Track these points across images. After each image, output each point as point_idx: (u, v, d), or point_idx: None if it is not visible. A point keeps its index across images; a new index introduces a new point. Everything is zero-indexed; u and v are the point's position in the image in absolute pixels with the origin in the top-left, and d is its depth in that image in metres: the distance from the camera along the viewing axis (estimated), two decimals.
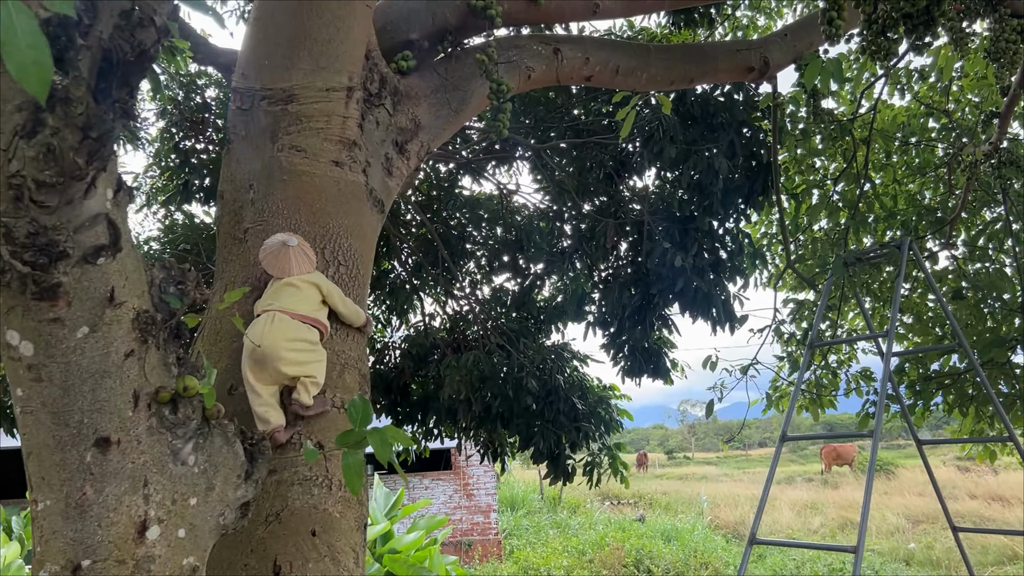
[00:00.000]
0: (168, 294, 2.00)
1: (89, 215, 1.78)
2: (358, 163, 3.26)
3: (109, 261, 1.83)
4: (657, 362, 8.47)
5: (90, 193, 1.76)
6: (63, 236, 1.72)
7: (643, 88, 4.36)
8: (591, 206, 8.70)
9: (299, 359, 2.71)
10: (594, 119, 7.93)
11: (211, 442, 2.02)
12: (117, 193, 1.87)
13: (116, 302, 1.84)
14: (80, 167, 1.66)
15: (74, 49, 1.61)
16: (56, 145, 1.61)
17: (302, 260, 2.88)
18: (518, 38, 4.00)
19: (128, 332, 1.86)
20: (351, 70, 3.24)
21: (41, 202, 1.68)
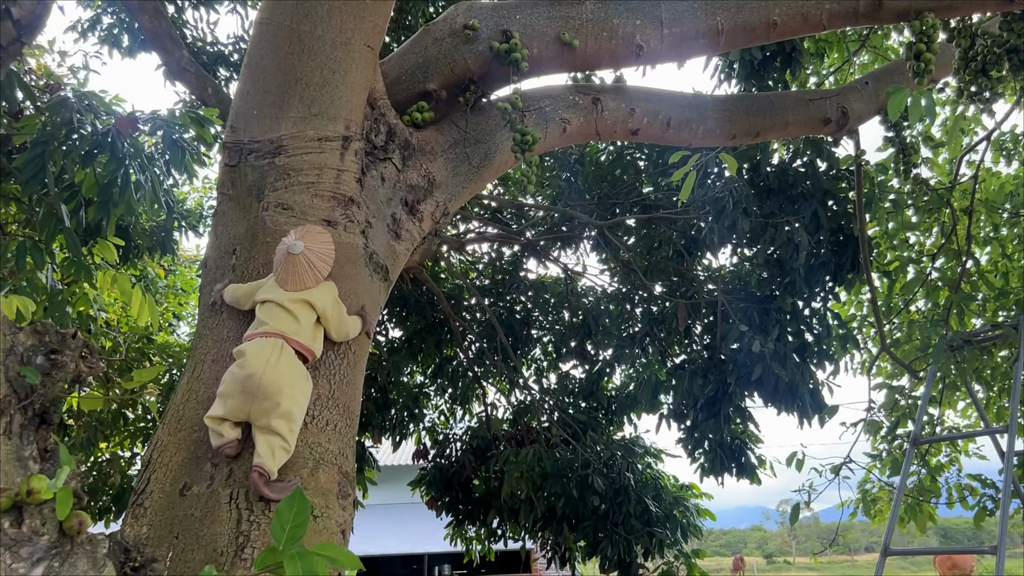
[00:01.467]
0: (28, 367, 1.53)
1: None
2: (355, 223, 2.82)
3: None
4: (741, 459, 7.63)
5: None
6: None
7: (699, 143, 3.84)
8: (662, 287, 8.10)
9: (293, 413, 2.33)
10: (663, 195, 7.43)
11: (71, 565, 1.51)
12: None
13: None
14: None
15: None
16: None
17: (304, 273, 2.52)
18: (552, 88, 3.56)
19: None
20: (348, 118, 2.84)
21: None
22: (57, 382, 1.59)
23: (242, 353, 2.35)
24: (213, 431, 2.35)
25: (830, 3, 3.25)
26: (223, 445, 2.33)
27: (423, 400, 9.71)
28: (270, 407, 2.29)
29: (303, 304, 2.48)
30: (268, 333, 2.39)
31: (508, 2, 3.37)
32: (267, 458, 2.27)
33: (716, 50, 3.39)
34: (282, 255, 2.55)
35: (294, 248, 2.53)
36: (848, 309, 8.66)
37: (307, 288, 2.51)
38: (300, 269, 2.52)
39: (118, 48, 7.78)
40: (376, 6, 2.84)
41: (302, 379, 2.40)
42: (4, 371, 1.50)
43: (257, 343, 2.38)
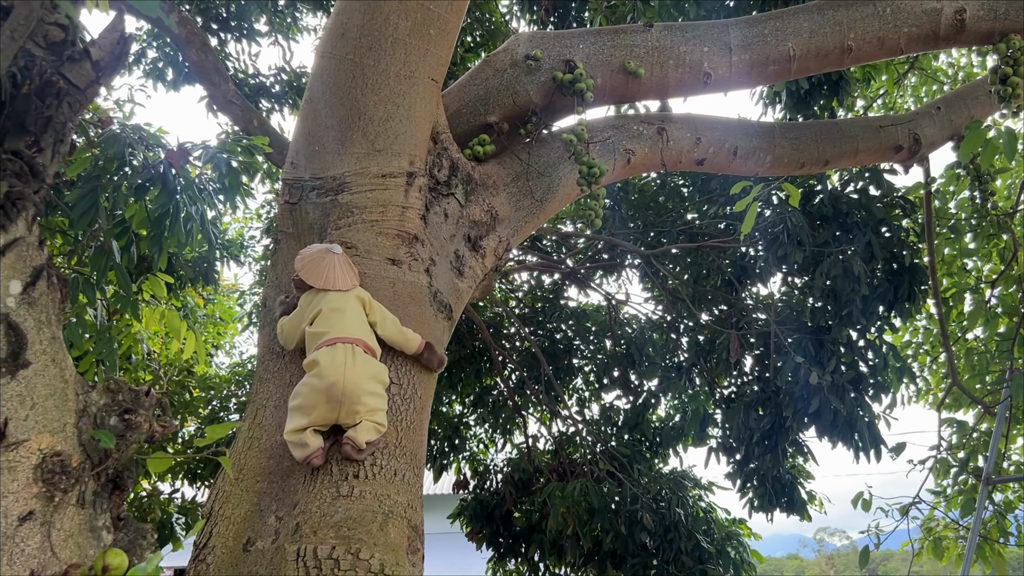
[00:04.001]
0: (102, 430, 1.43)
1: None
2: (420, 261, 2.71)
3: (5, 382, 1.29)
4: (791, 494, 7.38)
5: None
6: None
7: (767, 173, 3.70)
8: (709, 316, 7.91)
9: (376, 405, 2.37)
10: (709, 222, 7.27)
11: None
12: (32, 286, 1.34)
13: (10, 441, 1.28)
14: None
15: None
16: None
17: (347, 272, 2.51)
18: (616, 117, 3.45)
19: (27, 485, 1.29)
20: (412, 153, 2.75)
21: None
22: (131, 444, 1.49)
23: (316, 363, 2.33)
24: (295, 443, 2.30)
25: (908, 27, 3.11)
26: (309, 456, 2.28)
27: (463, 430, 9.57)
28: (361, 409, 2.31)
29: (356, 301, 2.47)
30: (333, 340, 2.36)
31: (570, 31, 3.28)
32: (361, 433, 2.31)
33: (787, 76, 3.26)
34: (320, 257, 2.50)
35: (334, 249, 2.53)
36: (902, 337, 8.39)
37: (355, 285, 2.50)
38: (345, 270, 2.50)
39: (163, 81, 7.84)
40: (441, 39, 2.76)
41: (374, 367, 2.39)
42: (77, 435, 1.40)
43: (327, 352, 2.34)
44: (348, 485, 2.26)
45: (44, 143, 1.27)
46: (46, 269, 1.38)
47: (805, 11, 3.22)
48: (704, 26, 3.24)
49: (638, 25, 3.24)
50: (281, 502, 2.26)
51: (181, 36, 5.50)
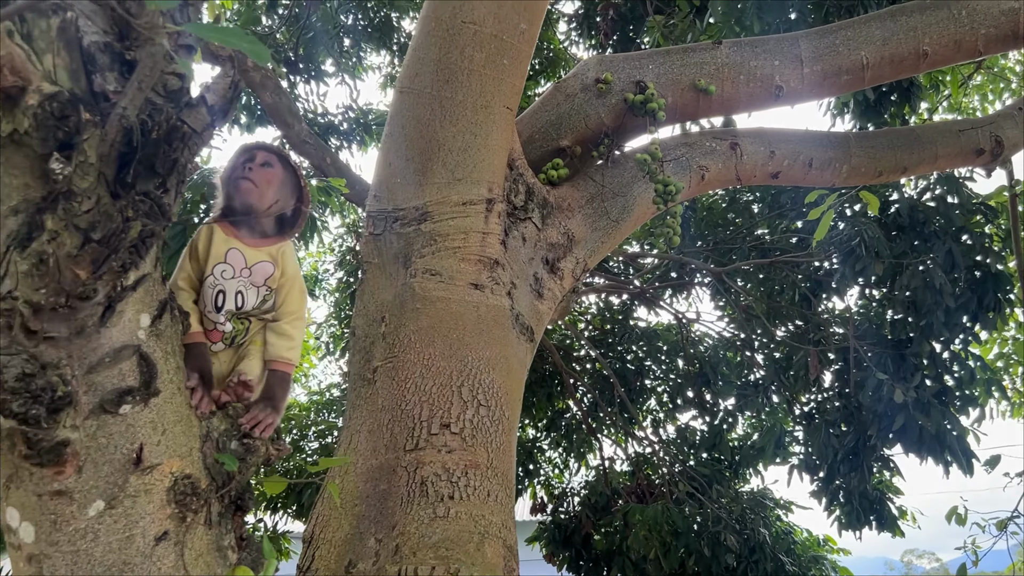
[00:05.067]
0: (225, 453, 1.51)
1: (110, 348, 1.33)
2: (501, 285, 2.77)
3: (138, 409, 1.37)
4: (880, 511, 7.16)
5: (110, 318, 1.32)
6: (69, 377, 1.28)
7: (843, 183, 3.66)
8: (785, 332, 7.77)
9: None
10: (780, 237, 7.18)
11: None
12: (158, 319, 1.42)
13: (145, 465, 1.37)
14: (83, 282, 1.23)
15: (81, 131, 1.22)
16: (51, 254, 1.19)
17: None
18: (687, 135, 3.47)
19: (161, 507, 1.37)
20: (491, 181, 2.81)
21: (41, 332, 1.25)
22: (250, 467, 1.56)
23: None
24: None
25: (986, 28, 3.06)
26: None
27: (537, 454, 9.57)
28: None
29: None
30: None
31: (639, 53, 3.32)
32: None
33: (861, 85, 3.24)
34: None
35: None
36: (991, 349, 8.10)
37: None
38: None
39: (238, 124, 8.16)
40: (514, 68, 2.83)
41: None
42: (202, 458, 1.48)
43: None
44: (444, 506, 2.30)
45: (169, 184, 1.36)
46: (169, 302, 1.47)
47: (877, 19, 3.20)
48: (773, 40, 3.24)
49: (707, 43, 3.26)
50: (380, 524, 2.32)
51: (256, 80, 5.74)
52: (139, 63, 1.31)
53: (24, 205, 1.24)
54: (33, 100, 1.22)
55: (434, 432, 2.44)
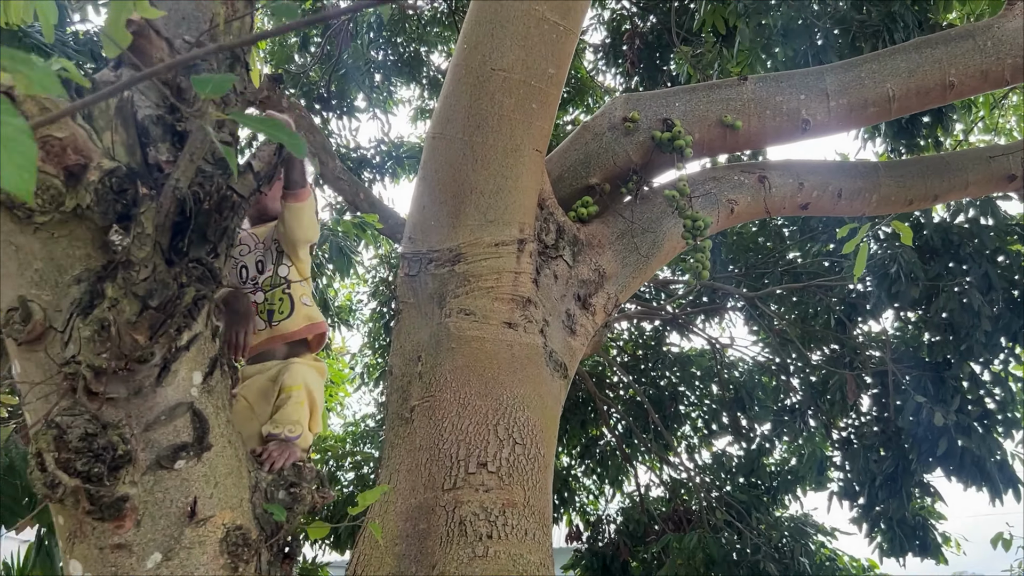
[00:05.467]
0: (273, 503, 1.57)
1: (166, 406, 1.41)
2: (534, 323, 2.82)
3: (192, 464, 1.44)
4: (923, 537, 7.03)
5: (165, 378, 1.39)
6: (128, 435, 1.35)
7: (873, 212, 3.67)
8: (820, 355, 7.71)
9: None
10: (812, 260, 7.15)
11: None
12: (210, 376, 1.50)
13: (199, 518, 1.43)
14: (141, 346, 1.30)
15: (138, 204, 1.30)
16: (112, 320, 1.27)
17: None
18: (715, 169, 3.51)
19: (215, 558, 1.44)
20: (522, 221, 2.88)
21: (103, 394, 1.33)
22: (297, 515, 1.62)
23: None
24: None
25: (1012, 58, 3.07)
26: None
27: (571, 482, 9.54)
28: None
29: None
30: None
31: (665, 91, 3.38)
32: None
33: (887, 116, 3.26)
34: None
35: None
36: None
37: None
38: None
39: None
40: (543, 111, 2.90)
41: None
42: (252, 509, 1.54)
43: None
44: (483, 546, 2.34)
45: (219, 249, 1.44)
46: (219, 358, 1.54)
47: (901, 51, 3.22)
48: (799, 75, 3.28)
49: (732, 79, 3.31)
50: (420, 564, 2.36)
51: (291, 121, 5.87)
52: (189, 137, 1.39)
53: (86, 274, 1.32)
54: (94, 176, 1.30)
55: (471, 471, 2.49)
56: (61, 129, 1.28)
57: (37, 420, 1.28)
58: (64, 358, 1.30)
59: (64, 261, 1.33)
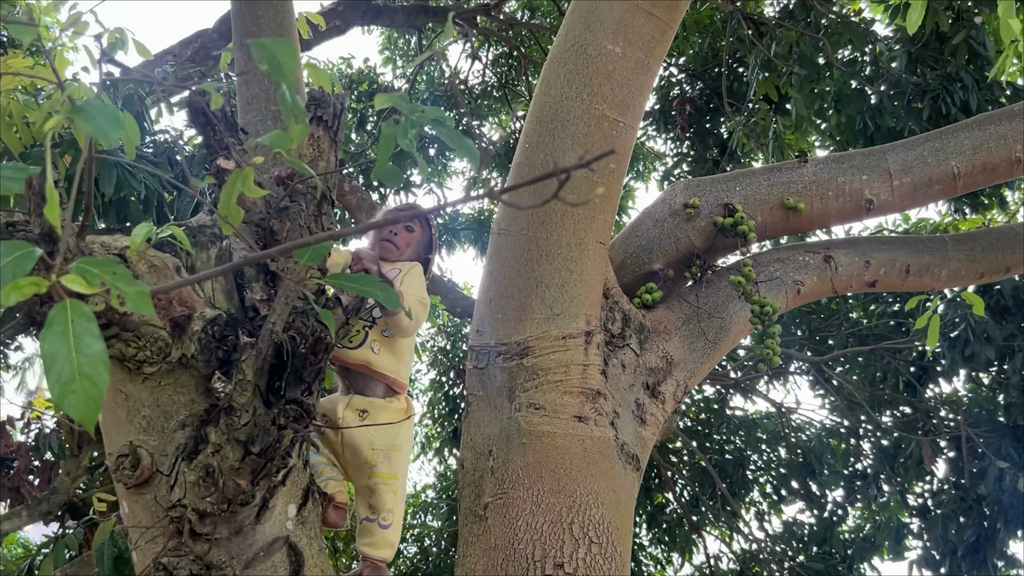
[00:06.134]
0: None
1: (264, 542, 1.45)
2: (604, 415, 2.83)
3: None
4: None
5: (264, 516, 1.44)
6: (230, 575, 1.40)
7: (943, 286, 3.61)
8: (891, 418, 7.50)
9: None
10: (878, 322, 7.01)
11: None
12: (303, 507, 1.54)
13: None
14: (243, 490, 1.35)
15: (238, 350, 1.37)
16: (216, 466, 1.33)
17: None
18: (779, 250, 3.50)
19: None
20: (588, 313, 2.91)
21: (207, 535, 1.38)
22: None
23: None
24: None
25: None
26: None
27: (638, 551, 9.35)
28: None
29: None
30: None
31: (724, 175, 3.41)
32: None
33: (953, 193, 3.23)
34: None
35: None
36: None
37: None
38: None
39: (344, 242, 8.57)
40: (606, 205, 2.95)
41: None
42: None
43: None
44: None
45: (313, 387, 1.49)
46: (311, 487, 1.58)
47: (964, 128, 3.21)
48: (860, 155, 3.29)
49: (791, 162, 3.33)
50: None
51: (352, 203, 6.07)
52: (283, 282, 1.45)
53: (190, 419, 1.38)
54: (198, 326, 1.37)
55: (548, 573, 2.48)
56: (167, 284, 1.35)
57: (146, 566, 1.34)
58: (170, 501, 1.36)
59: (170, 408, 1.39)
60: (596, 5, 2.95)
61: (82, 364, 0.75)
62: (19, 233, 1.28)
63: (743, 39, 6.95)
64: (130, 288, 0.85)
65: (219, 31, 6.20)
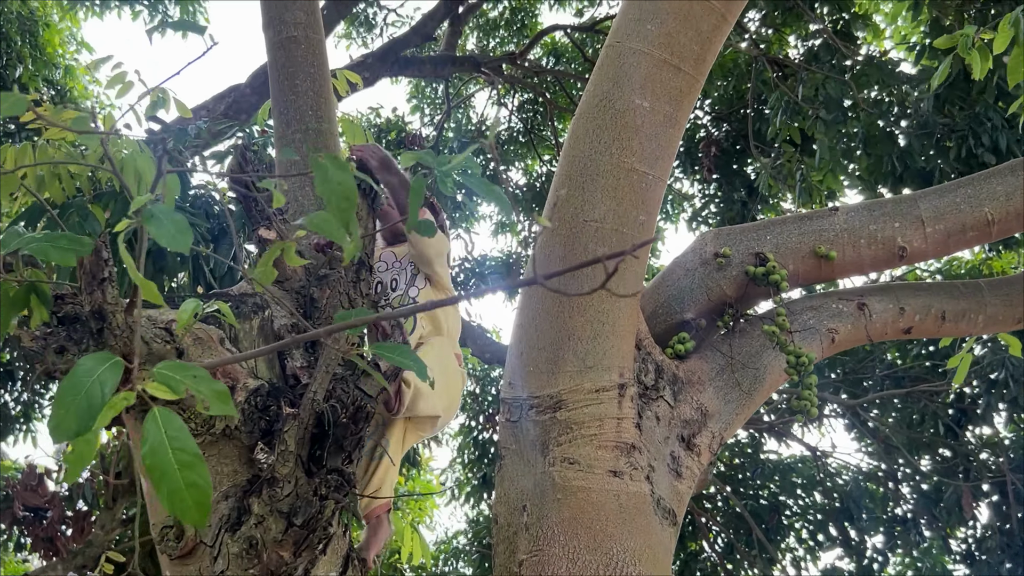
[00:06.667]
0: None
1: None
2: (639, 469, 2.80)
3: None
4: None
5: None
6: None
7: (980, 332, 3.56)
8: (931, 462, 7.33)
9: None
10: (913, 363, 6.90)
11: None
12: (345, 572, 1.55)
13: None
14: (286, 562, 1.36)
15: (280, 420, 1.39)
16: (259, 538, 1.34)
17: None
18: (812, 297, 3.47)
19: None
20: (621, 366, 2.90)
21: None
22: None
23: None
24: None
25: None
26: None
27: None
28: None
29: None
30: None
31: (754, 224, 3.41)
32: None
33: (988, 239, 3.21)
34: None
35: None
36: None
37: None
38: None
39: None
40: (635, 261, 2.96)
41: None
42: None
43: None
44: None
45: (354, 456, 1.50)
46: (350, 554, 1.58)
47: (996, 175, 3.19)
48: (891, 202, 3.28)
49: (822, 210, 3.32)
50: None
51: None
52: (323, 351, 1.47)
53: (233, 490, 1.39)
54: (241, 397, 1.39)
55: None
56: (211, 355, 1.37)
57: None
58: (214, 572, 1.37)
59: (214, 479, 1.41)
60: (624, 61, 2.99)
61: (187, 476, 0.78)
62: (68, 305, 1.32)
63: (768, 82, 7.00)
64: (211, 390, 0.88)
65: (252, 86, 6.36)
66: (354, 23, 10.34)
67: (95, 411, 0.85)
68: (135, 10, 8.86)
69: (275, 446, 1.38)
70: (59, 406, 0.84)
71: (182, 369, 0.90)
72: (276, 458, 1.37)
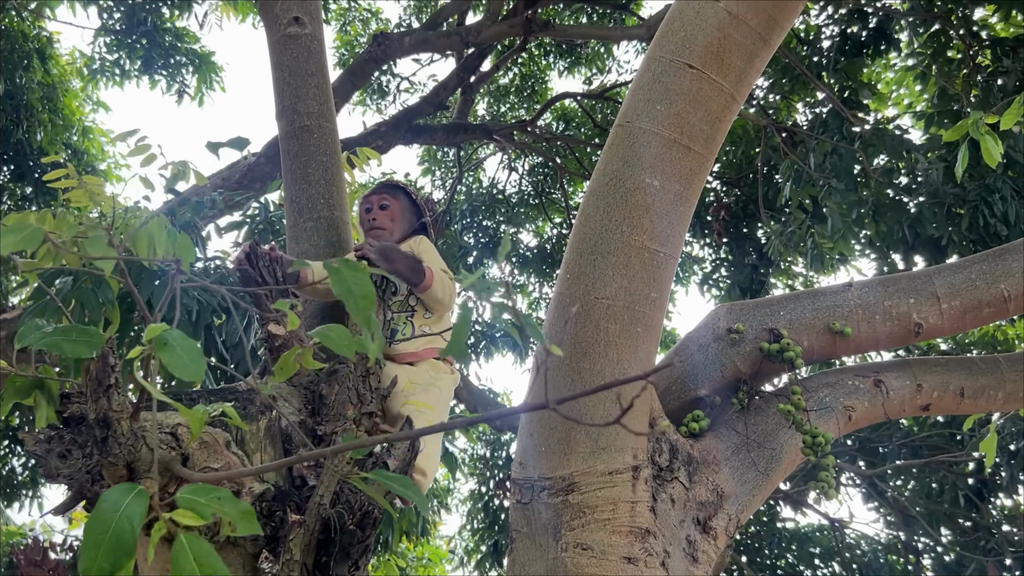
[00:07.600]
0: None
1: None
2: (655, 556, 2.72)
3: None
4: None
5: None
6: None
7: (1000, 409, 3.48)
8: (951, 533, 7.15)
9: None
10: (931, 432, 6.78)
11: None
12: None
13: None
14: None
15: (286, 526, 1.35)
16: None
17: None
18: (827, 374, 3.42)
19: None
20: (635, 446, 2.85)
21: None
22: None
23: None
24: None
25: None
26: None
27: None
28: None
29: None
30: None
31: (768, 300, 3.38)
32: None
33: (1005, 315, 3.16)
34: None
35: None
36: None
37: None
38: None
39: None
40: (648, 334, 2.93)
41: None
42: None
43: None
44: None
45: (360, 563, 1.46)
46: None
47: (1011, 251, 3.17)
48: (905, 278, 3.25)
49: (836, 286, 3.29)
50: None
51: None
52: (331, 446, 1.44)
53: None
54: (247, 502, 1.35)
55: None
56: (217, 460, 1.34)
57: None
58: None
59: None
60: (634, 140, 3.01)
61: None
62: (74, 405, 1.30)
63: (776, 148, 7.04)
64: (237, 511, 0.86)
65: (266, 155, 6.45)
66: (367, 91, 10.54)
67: (127, 548, 0.84)
68: (154, 80, 9.06)
69: (280, 554, 1.35)
70: (88, 547, 0.84)
71: (205, 492, 0.89)
72: (281, 567, 1.33)
